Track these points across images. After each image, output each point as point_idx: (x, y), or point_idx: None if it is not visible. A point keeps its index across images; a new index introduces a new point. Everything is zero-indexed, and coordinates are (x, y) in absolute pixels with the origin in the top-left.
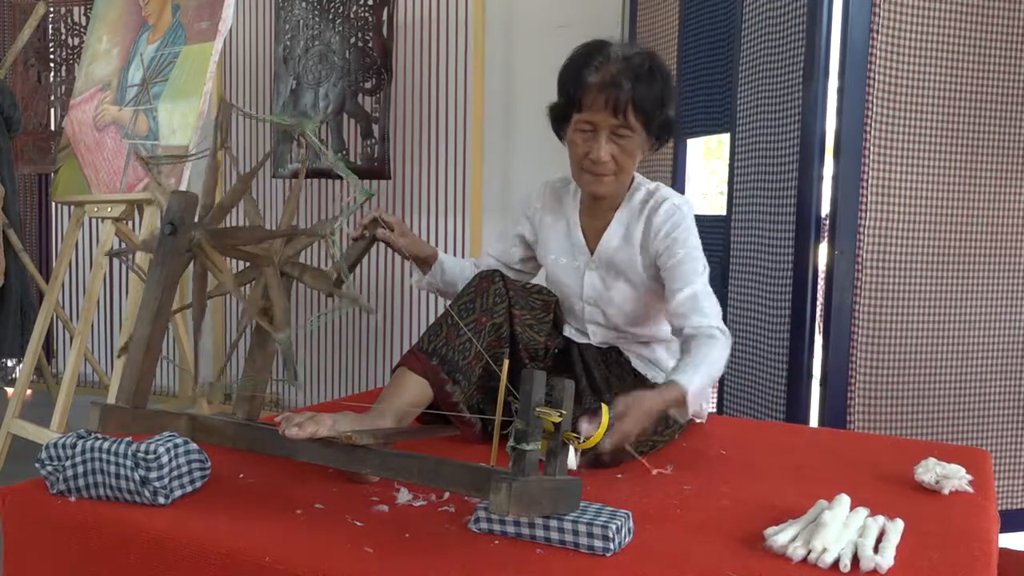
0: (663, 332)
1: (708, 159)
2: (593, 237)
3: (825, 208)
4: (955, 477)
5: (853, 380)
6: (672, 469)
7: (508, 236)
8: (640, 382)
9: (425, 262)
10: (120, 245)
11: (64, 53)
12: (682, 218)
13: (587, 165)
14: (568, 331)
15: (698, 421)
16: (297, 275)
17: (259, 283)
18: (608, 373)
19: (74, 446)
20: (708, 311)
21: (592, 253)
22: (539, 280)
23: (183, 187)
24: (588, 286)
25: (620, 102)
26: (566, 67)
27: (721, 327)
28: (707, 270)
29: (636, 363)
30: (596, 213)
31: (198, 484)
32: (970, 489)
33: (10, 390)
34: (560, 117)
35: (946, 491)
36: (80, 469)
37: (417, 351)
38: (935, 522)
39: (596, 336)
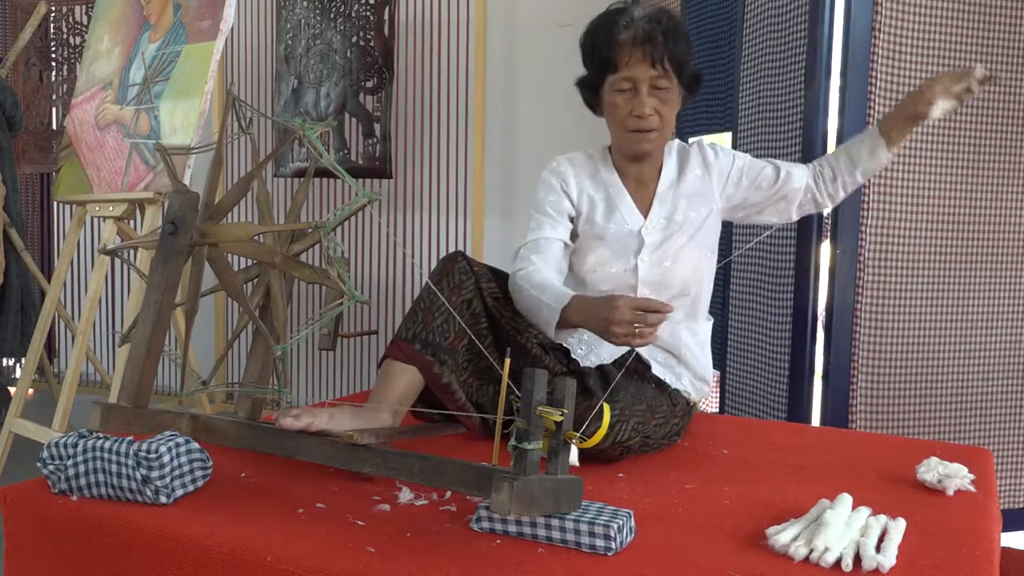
0: (705, 304)
1: None
2: (643, 205)
3: None
4: (957, 476)
5: (855, 379)
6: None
7: (559, 217)
8: (662, 389)
9: None
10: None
11: (65, 52)
12: (712, 144)
13: (632, 123)
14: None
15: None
16: (297, 273)
17: (261, 282)
18: (628, 381)
19: (76, 445)
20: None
21: (646, 217)
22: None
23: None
24: (649, 244)
25: (657, 53)
26: (591, 35)
27: None
28: None
29: (656, 369)
30: (641, 179)
31: (199, 483)
32: (972, 488)
33: (12, 389)
34: (593, 85)
35: (948, 490)
36: (82, 468)
37: (399, 340)
38: (937, 521)
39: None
